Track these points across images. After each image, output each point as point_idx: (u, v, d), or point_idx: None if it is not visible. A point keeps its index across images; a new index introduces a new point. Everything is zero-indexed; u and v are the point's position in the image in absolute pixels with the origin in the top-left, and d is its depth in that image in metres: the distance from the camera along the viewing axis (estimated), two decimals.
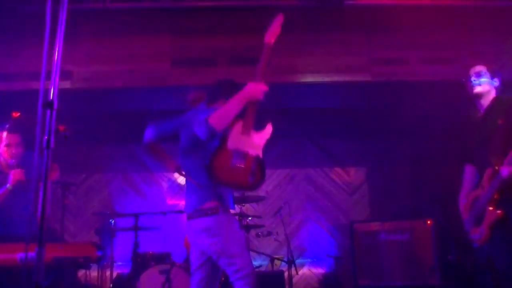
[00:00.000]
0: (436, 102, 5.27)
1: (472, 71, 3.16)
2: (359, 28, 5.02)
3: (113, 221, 6.34)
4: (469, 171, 3.26)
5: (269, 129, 2.97)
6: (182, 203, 6.81)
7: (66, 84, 4.73)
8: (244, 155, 2.76)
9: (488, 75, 3.12)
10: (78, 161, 6.92)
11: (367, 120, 6.31)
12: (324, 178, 7.19)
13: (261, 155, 2.82)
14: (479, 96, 3.12)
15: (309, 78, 4.94)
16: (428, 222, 5.15)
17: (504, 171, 2.81)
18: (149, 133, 2.97)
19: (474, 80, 3.12)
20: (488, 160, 2.98)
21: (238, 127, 2.82)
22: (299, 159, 7.17)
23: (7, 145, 3.63)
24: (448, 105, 5.14)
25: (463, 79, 3.22)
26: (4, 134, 3.64)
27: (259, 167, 2.78)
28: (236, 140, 2.78)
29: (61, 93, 1.84)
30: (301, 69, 4.93)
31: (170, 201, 7.10)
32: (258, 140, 2.88)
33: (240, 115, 2.81)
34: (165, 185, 7.21)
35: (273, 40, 2.95)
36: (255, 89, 2.81)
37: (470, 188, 3.20)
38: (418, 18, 4.71)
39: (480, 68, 3.15)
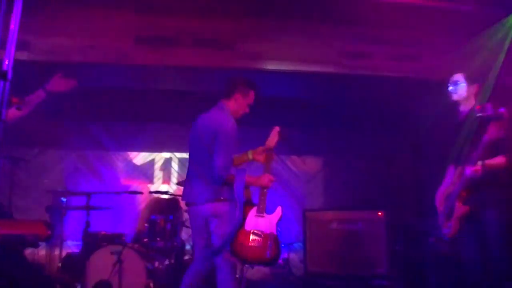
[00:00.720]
0: (396, 98, 5.39)
1: (450, 80, 3.41)
2: (327, 19, 5.04)
3: (65, 199, 6.20)
4: (450, 171, 3.48)
5: (279, 210, 3.64)
6: (136, 184, 6.74)
7: (23, 55, 4.53)
8: (261, 234, 3.37)
9: (465, 82, 3.35)
10: (30, 135, 6.67)
11: (327, 111, 6.38)
12: (280, 165, 7.24)
13: (275, 232, 3.44)
14: (457, 102, 3.41)
15: (273, 66, 4.94)
16: (380, 213, 5.28)
17: (468, 170, 3.09)
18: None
19: (451, 88, 3.39)
20: (461, 159, 3.27)
21: (253, 211, 3.46)
22: (256, 146, 7.18)
23: None
24: (407, 102, 5.28)
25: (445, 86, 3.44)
26: None
27: (275, 242, 3.38)
28: (252, 221, 3.40)
29: (17, 64, 1.77)
30: (265, 56, 4.92)
31: (125, 181, 6.98)
32: (271, 220, 3.52)
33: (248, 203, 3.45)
34: (120, 164, 7.08)
35: (273, 145, 3.89)
36: (268, 180, 3.57)
37: (448, 186, 3.42)
38: (386, 13, 4.78)
39: (457, 77, 3.38)
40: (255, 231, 3.35)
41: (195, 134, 3.34)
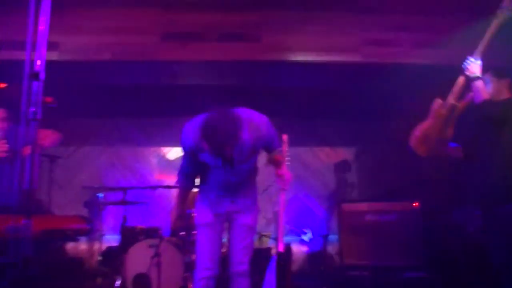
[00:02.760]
0: (426, 85, 5.27)
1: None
2: (352, 7, 4.96)
3: (102, 195, 6.35)
4: None
5: None
6: (169, 178, 6.82)
7: (53, 56, 4.63)
8: None
9: (492, 78, 3.23)
10: (65, 134, 6.85)
11: (357, 100, 6.30)
12: (313, 157, 7.21)
13: None
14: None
15: (300, 57, 4.90)
16: (415, 204, 5.19)
17: None
18: None
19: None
20: None
21: None
22: (289, 139, 7.17)
23: None
24: (440, 89, 5.14)
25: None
26: None
27: None
28: None
29: (48, 64, 1.81)
30: (292, 47, 4.88)
31: (158, 176, 7.10)
32: None
33: None
34: (153, 160, 7.20)
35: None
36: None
37: None
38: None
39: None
40: None
41: None
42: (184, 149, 2.86)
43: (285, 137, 2.87)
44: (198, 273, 2.93)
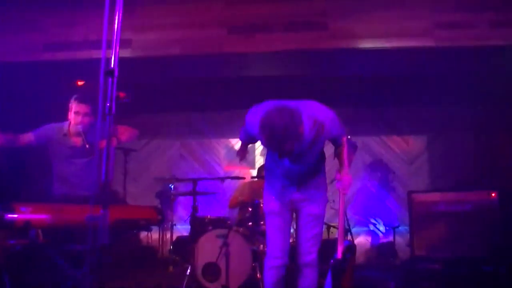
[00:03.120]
0: (503, 68, 4.96)
1: None
2: None
3: (172, 186, 6.56)
4: None
5: None
6: (238, 169, 6.92)
7: (126, 53, 4.82)
8: None
9: None
10: (138, 127, 7.13)
11: (428, 87, 6.06)
12: (382, 146, 7.05)
13: None
14: None
15: (369, 44, 4.77)
16: (493, 194, 4.93)
17: None
18: None
19: None
20: None
21: None
22: (356, 127, 7.04)
23: (75, 113, 3.80)
24: None
25: None
26: (75, 103, 3.82)
27: None
28: None
29: (122, 61, 1.88)
30: (360, 34, 4.76)
31: (227, 167, 7.23)
32: None
33: None
34: (222, 151, 7.33)
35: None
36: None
37: None
38: None
39: None
40: None
41: None
42: (247, 131, 2.91)
43: (344, 139, 2.74)
44: (268, 262, 2.95)
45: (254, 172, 6.79)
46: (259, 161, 7.06)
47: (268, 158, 3.06)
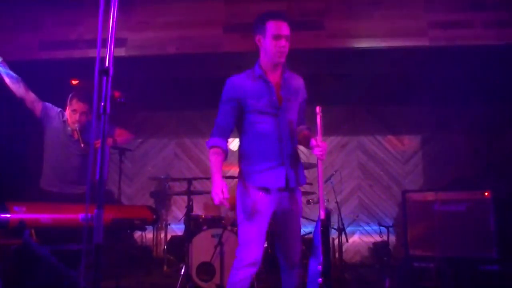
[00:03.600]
0: (499, 68, 4.98)
1: None
2: None
3: (167, 185, 6.56)
4: None
5: None
6: (233, 169, 6.91)
7: (121, 52, 4.81)
8: None
9: None
10: (133, 127, 7.13)
11: (422, 86, 6.09)
12: (377, 146, 7.06)
13: None
14: None
15: (365, 44, 4.78)
16: (486, 193, 4.95)
17: None
18: None
19: None
20: None
21: None
22: (352, 126, 7.07)
23: (73, 111, 3.80)
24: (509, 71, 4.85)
25: None
26: (74, 100, 3.82)
27: None
28: None
29: (117, 60, 1.88)
30: (356, 34, 4.77)
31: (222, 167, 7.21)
32: None
33: None
34: None
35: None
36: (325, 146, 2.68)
37: None
38: None
39: None
40: None
41: None
42: (229, 99, 2.78)
43: (318, 108, 2.71)
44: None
45: None
46: None
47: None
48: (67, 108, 3.85)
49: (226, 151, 2.80)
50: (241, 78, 2.80)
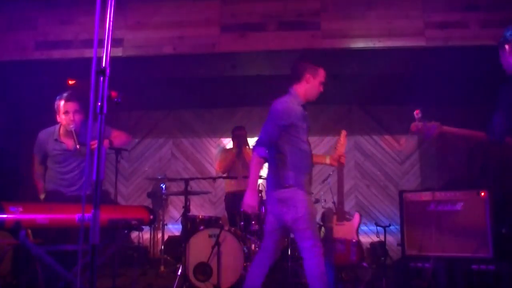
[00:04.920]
0: (493, 68, 4.99)
1: None
2: None
3: (164, 185, 6.55)
4: None
5: (357, 217, 4.23)
6: None
7: (118, 52, 4.79)
8: (343, 241, 4.00)
9: None
10: (130, 127, 7.12)
11: (419, 86, 6.09)
12: (373, 146, 7.08)
13: (356, 238, 4.05)
14: None
15: (361, 44, 4.78)
16: (482, 193, 4.97)
17: None
18: None
19: None
20: None
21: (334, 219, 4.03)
22: (349, 127, 7.08)
23: (65, 113, 3.72)
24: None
25: None
26: (62, 102, 3.74)
27: (358, 247, 4.03)
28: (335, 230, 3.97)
29: (113, 60, 1.87)
30: (352, 34, 4.77)
31: None
32: (351, 227, 4.11)
33: None
34: (214, 150, 7.33)
35: (344, 150, 3.82)
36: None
37: None
38: None
39: None
40: (339, 239, 3.99)
41: None
42: (283, 119, 3.07)
43: (344, 132, 3.48)
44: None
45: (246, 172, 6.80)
46: None
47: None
48: (59, 114, 3.78)
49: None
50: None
